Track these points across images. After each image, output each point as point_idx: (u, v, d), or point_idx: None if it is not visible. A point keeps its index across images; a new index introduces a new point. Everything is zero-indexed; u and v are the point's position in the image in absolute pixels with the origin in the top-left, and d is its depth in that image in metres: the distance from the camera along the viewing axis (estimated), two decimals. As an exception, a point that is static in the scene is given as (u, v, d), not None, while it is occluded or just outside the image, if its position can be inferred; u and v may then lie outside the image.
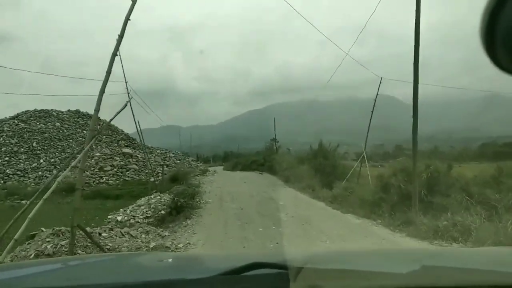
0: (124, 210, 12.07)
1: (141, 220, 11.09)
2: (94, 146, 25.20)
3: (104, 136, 27.94)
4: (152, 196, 13.61)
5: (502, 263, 1.51)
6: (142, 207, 11.97)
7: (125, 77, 17.38)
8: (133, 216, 11.37)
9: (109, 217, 11.56)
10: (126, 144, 28.42)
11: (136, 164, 21.97)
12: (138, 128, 17.69)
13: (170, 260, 1.75)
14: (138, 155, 25.10)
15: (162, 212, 11.44)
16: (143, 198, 13.57)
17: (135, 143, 29.64)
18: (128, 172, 21.13)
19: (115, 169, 20.88)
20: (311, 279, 1.06)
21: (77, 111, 29.13)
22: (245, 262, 1.14)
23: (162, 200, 12.18)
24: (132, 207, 12.16)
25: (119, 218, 11.16)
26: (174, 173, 20.46)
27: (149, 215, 11.38)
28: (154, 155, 27.79)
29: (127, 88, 17.89)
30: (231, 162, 53.22)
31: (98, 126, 29.13)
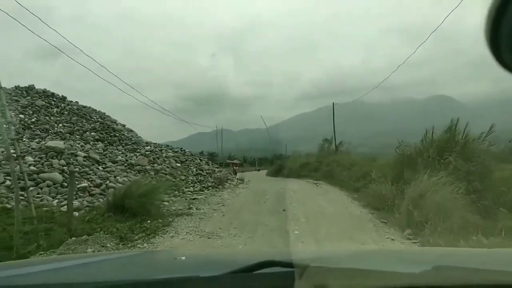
0: None
1: None
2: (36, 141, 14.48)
3: (60, 124, 17.28)
4: None
5: None
6: None
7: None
8: None
9: None
10: (97, 137, 17.64)
11: (66, 170, 10.79)
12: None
13: (184, 258, 1.73)
14: (95, 155, 13.98)
15: None
16: None
17: (116, 136, 18.78)
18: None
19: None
20: (321, 278, 1.03)
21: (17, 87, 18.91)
22: (255, 260, 1.12)
23: None
24: None
25: None
26: (124, 191, 8.94)
27: None
28: (137, 154, 16.68)
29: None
30: (275, 166, 42.76)
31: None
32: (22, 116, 16.02)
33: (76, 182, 10.66)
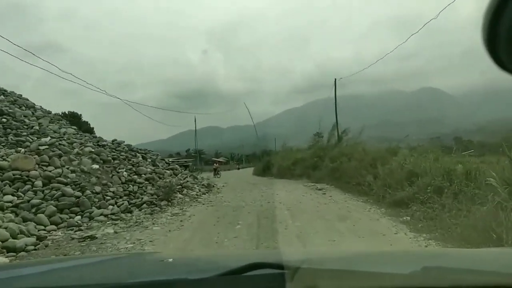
0: None
1: None
2: None
3: None
4: None
5: (503, 264, 1.38)
6: None
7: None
8: None
9: None
10: (13, 140, 10.79)
11: None
12: None
13: (171, 260, 1.65)
14: None
15: None
16: None
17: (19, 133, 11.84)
18: None
19: None
20: (310, 280, 1.02)
21: None
22: (245, 262, 1.09)
23: None
24: None
25: None
26: None
27: None
28: (21, 150, 9.85)
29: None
30: (262, 163, 36.74)
31: None
32: None
33: None
